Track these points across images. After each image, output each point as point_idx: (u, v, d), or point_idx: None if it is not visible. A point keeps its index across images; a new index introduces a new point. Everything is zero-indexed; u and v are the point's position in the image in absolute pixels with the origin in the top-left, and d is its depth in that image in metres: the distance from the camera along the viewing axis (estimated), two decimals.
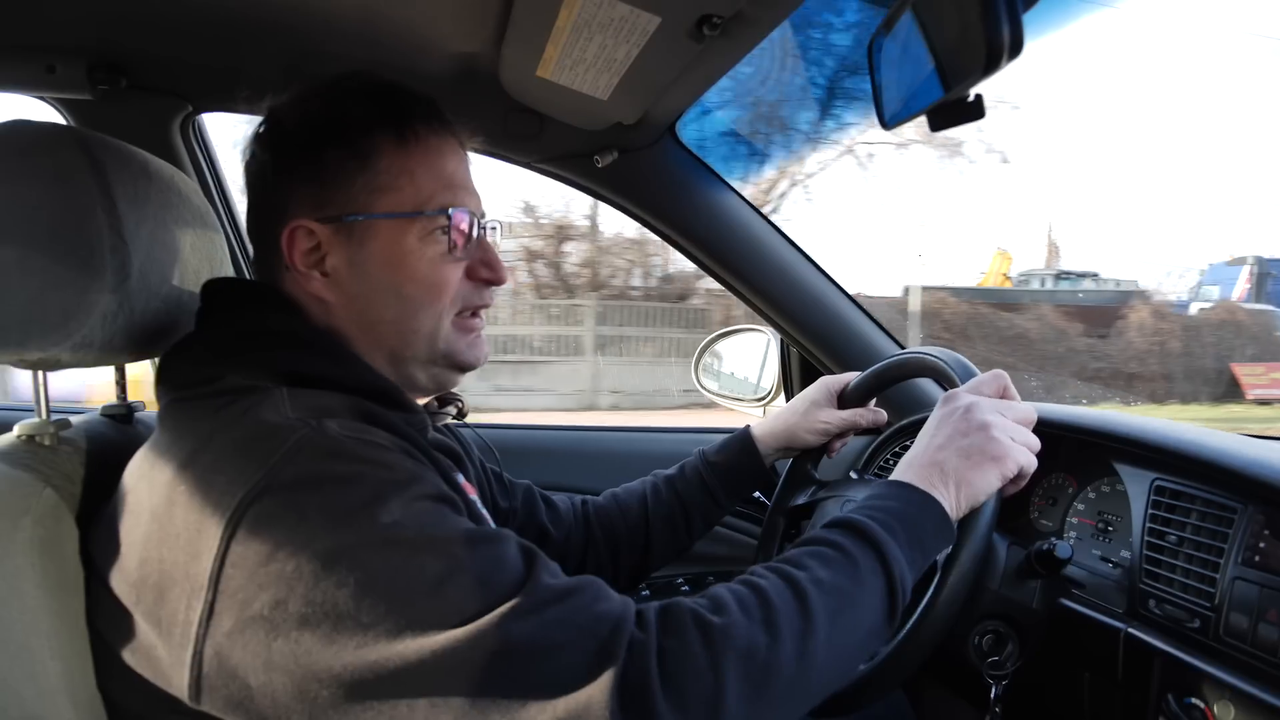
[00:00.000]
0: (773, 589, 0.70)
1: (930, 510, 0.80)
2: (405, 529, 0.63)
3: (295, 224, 0.79)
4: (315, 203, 0.80)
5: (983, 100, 0.65)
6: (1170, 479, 0.97)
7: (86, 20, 1.14)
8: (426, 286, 0.82)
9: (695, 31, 0.91)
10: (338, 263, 0.80)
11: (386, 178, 0.80)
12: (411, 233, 0.81)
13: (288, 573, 0.61)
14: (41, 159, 0.73)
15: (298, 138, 0.80)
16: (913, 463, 0.85)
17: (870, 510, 0.79)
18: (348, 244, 0.80)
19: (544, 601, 0.64)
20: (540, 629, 0.62)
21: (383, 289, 0.81)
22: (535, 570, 0.66)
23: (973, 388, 0.91)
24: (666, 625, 0.66)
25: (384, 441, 0.70)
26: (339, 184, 0.79)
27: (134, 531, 0.68)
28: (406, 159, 0.81)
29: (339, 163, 0.79)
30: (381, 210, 0.80)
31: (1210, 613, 0.86)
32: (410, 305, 0.82)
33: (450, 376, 0.88)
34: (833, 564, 0.74)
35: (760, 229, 1.49)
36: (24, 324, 0.71)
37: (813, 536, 0.79)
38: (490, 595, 0.63)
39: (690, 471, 1.20)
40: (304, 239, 0.80)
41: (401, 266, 0.81)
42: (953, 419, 0.86)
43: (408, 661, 0.60)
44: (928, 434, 0.87)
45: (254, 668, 0.62)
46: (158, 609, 0.65)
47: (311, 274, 0.80)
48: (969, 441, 0.83)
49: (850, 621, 0.72)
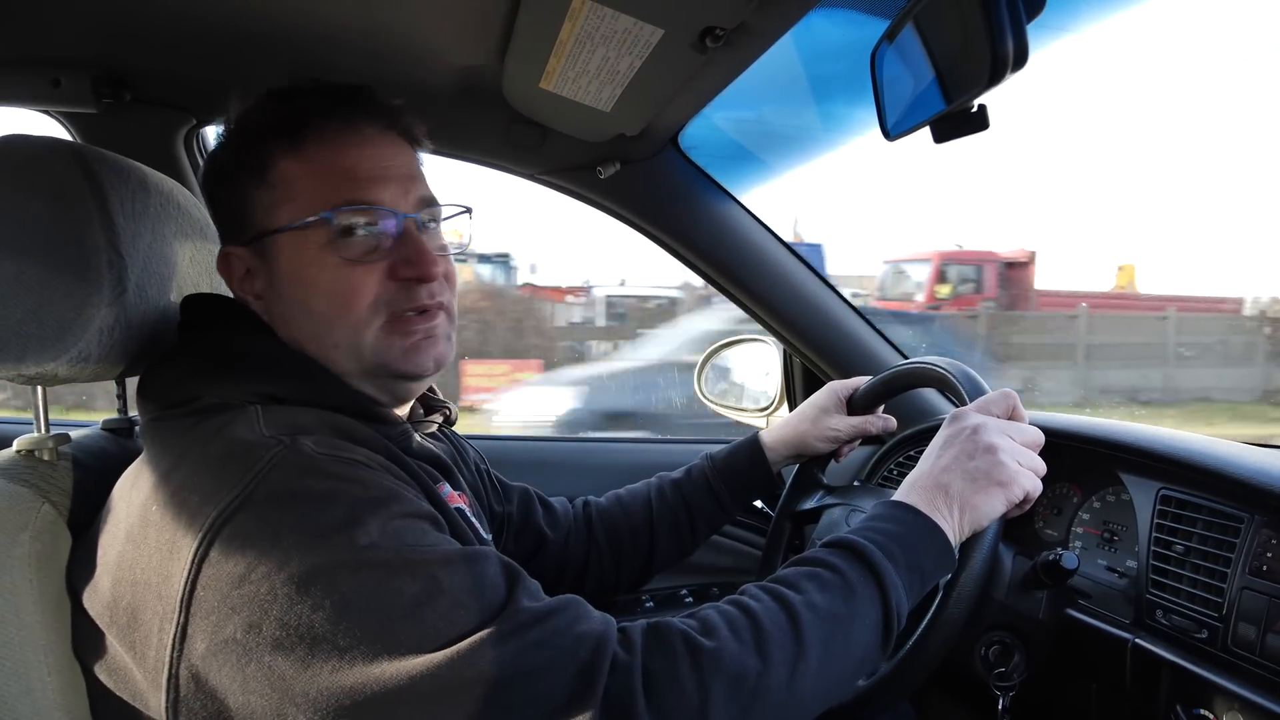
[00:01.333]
0: (765, 612, 0.70)
1: (933, 537, 0.79)
2: (382, 550, 0.62)
3: (224, 250, 0.80)
4: (236, 227, 0.80)
5: (986, 111, 0.65)
6: (1176, 489, 0.96)
7: (91, 35, 1.14)
8: (333, 298, 0.76)
9: (698, 44, 0.92)
10: (261, 285, 0.80)
11: (281, 190, 0.77)
12: (310, 243, 0.76)
13: (261, 595, 0.60)
14: (38, 173, 0.73)
15: (217, 166, 0.81)
16: (917, 483, 0.84)
17: (871, 533, 0.78)
18: (263, 264, 0.79)
19: (523, 625, 0.63)
20: (520, 653, 0.61)
21: (295, 306, 0.78)
22: (515, 592, 0.66)
23: (981, 407, 0.89)
24: (654, 646, 0.65)
25: (361, 458, 0.69)
26: (246, 205, 0.78)
27: (109, 552, 0.67)
28: (301, 164, 0.76)
29: (243, 183, 0.78)
30: (279, 224, 0.76)
31: (1218, 623, 0.86)
32: (322, 320, 0.77)
33: (399, 386, 0.82)
34: (829, 588, 0.73)
35: (762, 239, 1.49)
36: (21, 339, 0.71)
37: (811, 556, 0.78)
38: (469, 618, 0.62)
39: (697, 475, 1.20)
40: (236, 264, 0.80)
41: (304, 281, 0.77)
42: (960, 440, 0.85)
43: (385, 686, 0.59)
44: (933, 454, 0.86)
45: (230, 690, 0.61)
46: (131, 631, 0.64)
47: (248, 298, 0.80)
48: (975, 465, 0.82)
49: (843, 647, 0.71)
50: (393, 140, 0.81)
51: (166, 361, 0.77)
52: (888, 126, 0.79)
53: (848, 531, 0.80)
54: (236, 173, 0.78)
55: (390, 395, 0.83)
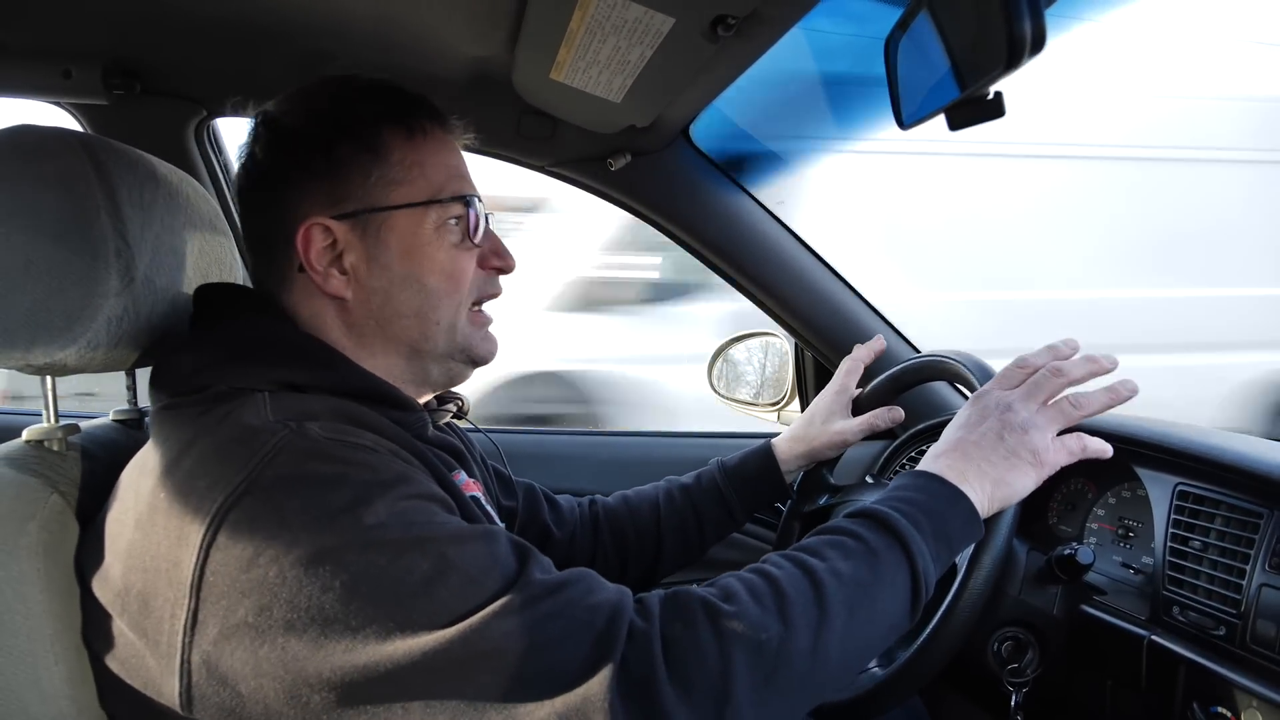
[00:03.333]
0: (787, 579, 0.69)
1: (959, 505, 0.79)
2: (390, 529, 0.62)
3: (310, 223, 0.78)
4: (329, 200, 0.78)
5: (1003, 98, 0.64)
6: (1194, 484, 0.95)
7: (101, 25, 1.14)
8: (446, 276, 0.81)
9: (710, 33, 0.91)
10: (356, 259, 0.79)
11: (399, 170, 0.79)
12: (427, 223, 0.80)
13: (271, 578, 0.60)
14: (46, 163, 0.73)
15: (307, 135, 0.79)
16: (944, 454, 0.83)
17: (895, 502, 0.77)
18: (364, 239, 0.79)
19: (536, 597, 0.62)
20: (533, 625, 0.61)
21: (404, 281, 0.80)
22: (527, 566, 0.65)
23: (1001, 383, 0.88)
24: (672, 613, 0.65)
25: (368, 443, 0.68)
26: (352, 179, 0.78)
27: (119, 540, 0.67)
28: (415, 151, 0.80)
29: (351, 157, 0.78)
30: (397, 201, 0.79)
31: (1236, 620, 0.84)
32: (432, 296, 0.81)
33: (464, 371, 0.87)
34: (853, 555, 0.72)
35: (774, 232, 1.48)
36: (30, 328, 0.71)
37: (834, 525, 0.77)
38: (481, 593, 0.62)
39: (707, 481, 1.19)
40: (320, 237, 0.78)
41: (421, 257, 0.80)
42: (989, 418, 0.84)
43: (399, 664, 0.59)
44: (960, 428, 0.85)
45: (243, 675, 0.61)
46: (143, 619, 0.64)
47: (330, 272, 0.79)
48: (1008, 442, 0.82)
49: (868, 615, 0.70)
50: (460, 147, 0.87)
51: (180, 350, 0.77)
52: (902, 116, 0.78)
53: (874, 503, 0.79)
54: (340, 144, 0.78)
55: (448, 378, 0.87)
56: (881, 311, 1.55)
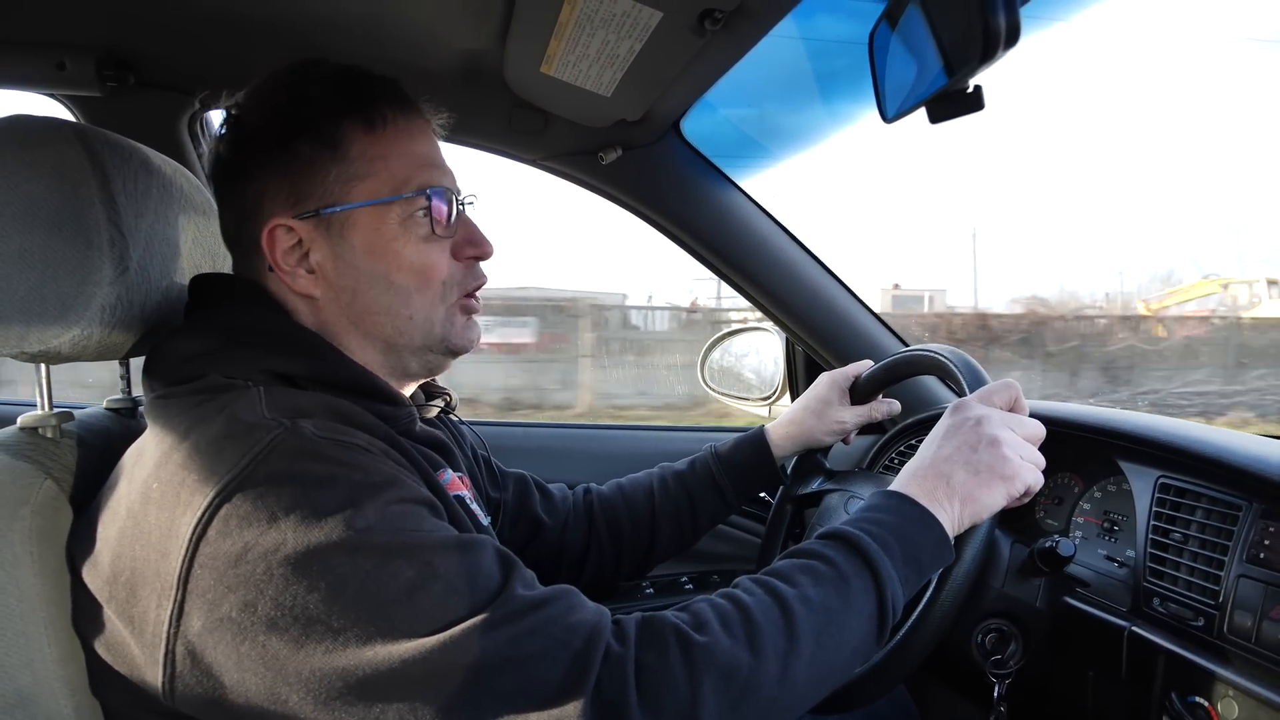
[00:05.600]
0: (758, 606, 0.70)
1: (930, 529, 0.79)
2: (379, 534, 0.62)
3: (274, 223, 0.77)
4: (291, 199, 0.78)
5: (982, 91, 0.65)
6: (1175, 476, 0.96)
7: (95, 17, 1.14)
8: (415, 272, 0.80)
9: (697, 26, 0.91)
10: (321, 258, 0.79)
11: (360, 165, 0.78)
12: (391, 218, 0.79)
13: (257, 575, 0.60)
14: (40, 153, 0.73)
15: (266, 133, 0.78)
16: (916, 473, 0.84)
17: (867, 524, 0.78)
18: (328, 237, 0.78)
19: (517, 612, 0.63)
20: (512, 640, 0.61)
21: (371, 279, 0.79)
22: (510, 581, 0.66)
23: (983, 397, 0.88)
24: (646, 639, 0.66)
25: (361, 443, 0.69)
26: (313, 177, 0.77)
27: (110, 528, 0.68)
28: (377, 144, 0.79)
29: (310, 155, 0.77)
30: (358, 199, 0.78)
31: (1214, 610, 0.85)
32: (401, 293, 0.80)
33: (443, 362, 0.87)
34: (823, 581, 0.73)
35: (764, 226, 1.49)
36: (24, 315, 0.72)
37: (805, 549, 0.78)
38: (463, 604, 0.62)
39: (700, 467, 1.19)
40: (284, 237, 0.78)
41: (386, 254, 0.79)
42: (962, 431, 0.84)
43: (378, 669, 0.59)
44: (934, 443, 0.85)
45: (225, 668, 0.61)
46: (130, 607, 0.65)
47: (296, 271, 0.79)
48: (978, 457, 0.82)
49: (835, 641, 0.71)
50: (434, 134, 0.85)
51: (175, 338, 0.77)
52: (885, 109, 0.79)
53: (844, 522, 0.79)
54: (300, 144, 0.77)
55: (427, 370, 0.87)
56: (870, 306, 1.55)
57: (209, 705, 0.63)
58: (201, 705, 0.64)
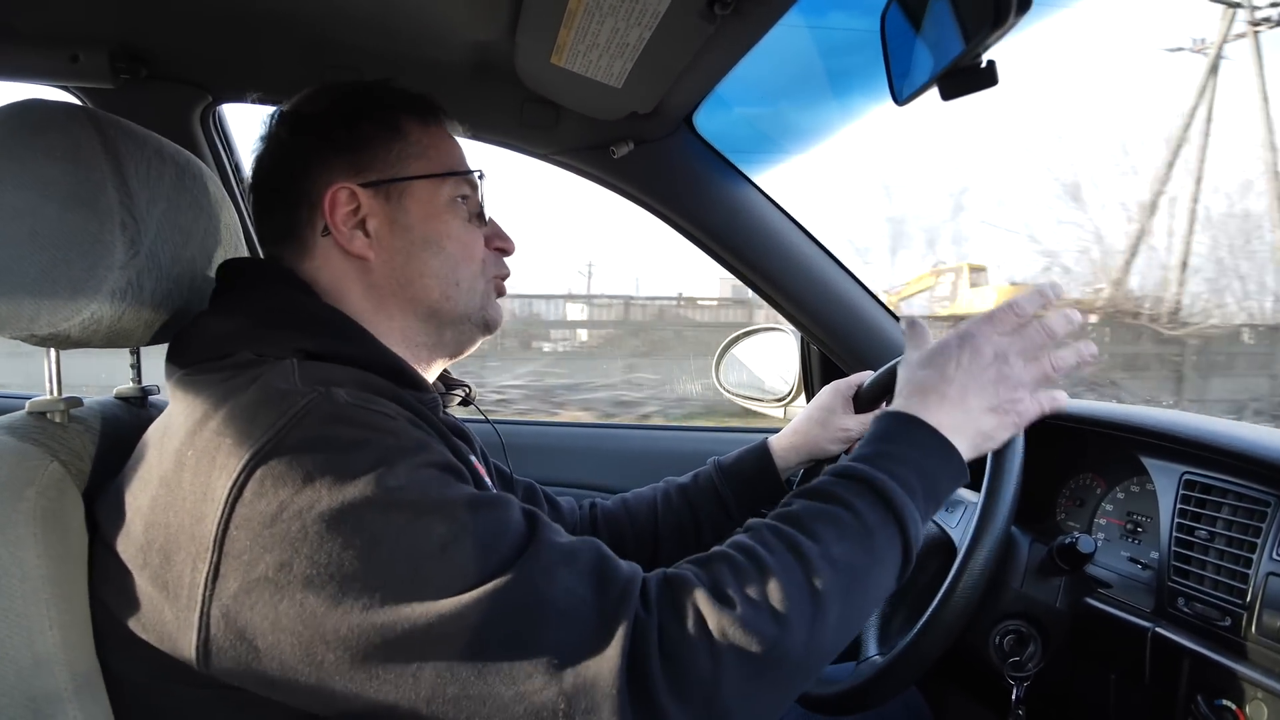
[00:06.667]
0: (782, 570, 0.67)
1: (950, 461, 0.76)
2: (410, 493, 0.63)
3: (337, 186, 0.82)
4: (352, 169, 0.84)
5: (995, 66, 0.63)
6: (1200, 472, 0.93)
7: (109, 10, 1.16)
8: (462, 244, 0.87)
9: (707, 12, 0.91)
10: (379, 223, 0.84)
11: (417, 148, 0.86)
12: (442, 195, 0.87)
13: (293, 534, 0.61)
14: (54, 136, 0.74)
15: (333, 114, 0.85)
16: (933, 394, 0.79)
17: (890, 462, 0.74)
18: (386, 204, 0.84)
19: (550, 564, 0.64)
20: (546, 594, 0.62)
21: (424, 243, 0.85)
22: (539, 532, 0.66)
23: (992, 325, 0.82)
24: (668, 603, 0.65)
25: (390, 412, 0.70)
26: (375, 152, 0.85)
27: (142, 496, 0.69)
28: (430, 136, 0.88)
29: (374, 133, 0.85)
30: (416, 173, 0.85)
31: (1242, 610, 0.83)
32: (450, 259, 0.86)
33: (475, 336, 0.92)
34: (848, 535, 0.70)
35: (778, 223, 1.47)
36: (35, 298, 0.72)
37: (824, 489, 0.74)
38: (495, 559, 0.63)
39: (704, 481, 1.19)
40: (345, 200, 0.83)
41: (441, 222, 0.86)
42: (988, 366, 0.79)
43: (414, 625, 0.60)
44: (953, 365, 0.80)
45: (261, 630, 0.62)
46: (164, 572, 0.65)
47: (354, 233, 0.83)
48: (1001, 397, 0.79)
49: (861, 598, 0.70)
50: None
51: (204, 319, 0.79)
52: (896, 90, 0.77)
53: (858, 457, 0.76)
54: (363, 123, 0.85)
55: (458, 344, 0.91)
56: (887, 305, 1.53)
57: (243, 669, 0.63)
58: (236, 670, 0.64)
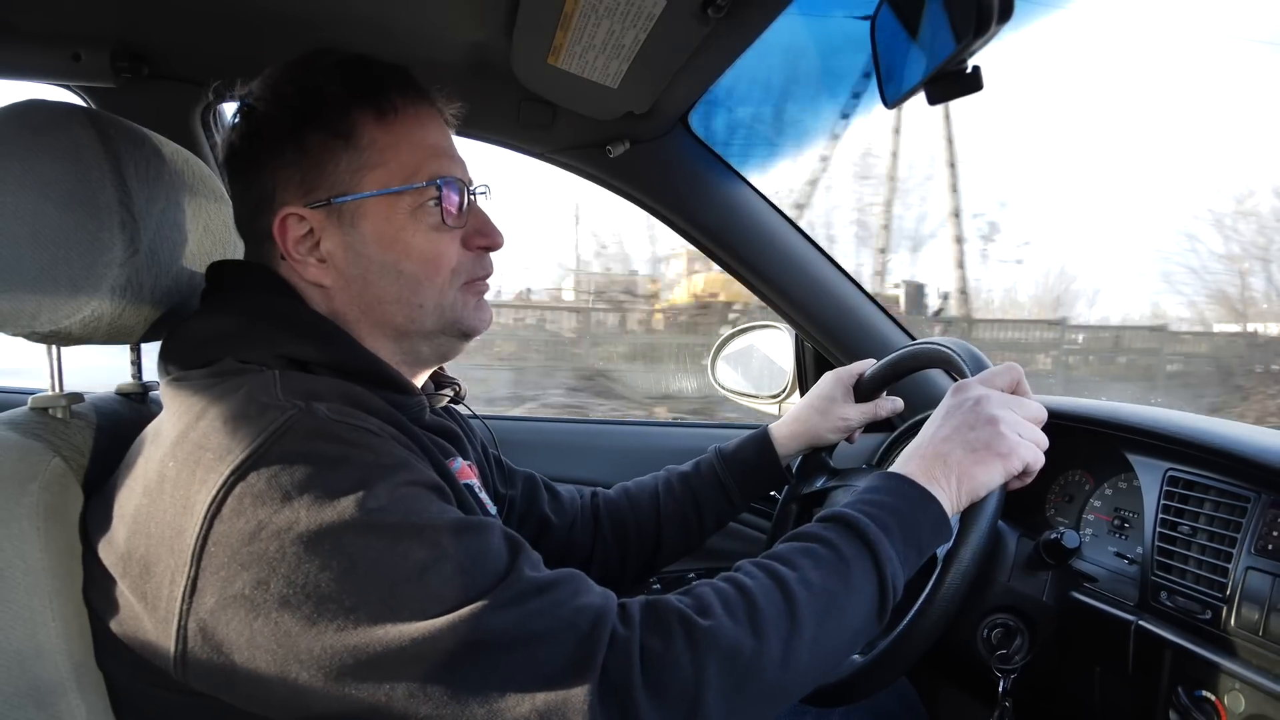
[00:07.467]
0: (760, 590, 0.70)
1: (929, 508, 0.79)
2: (390, 515, 0.63)
3: (285, 212, 0.78)
4: (302, 188, 0.78)
5: (980, 71, 0.65)
6: (1183, 469, 0.95)
7: (110, 9, 1.16)
8: (425, 261, 0.80)
9: (700, 14, 0.92)
10: (332, 246, 0.79)
11: (371, 154, 0.78)
12: (402, 208, 0.79)
13: (270, 554, 0.61)
14: (54, 136, 0.75)
15: (277, 124, 0.79)
16: (915, 454, 0.84)
17: (865, 505, 0.78)
18: (339, 226, 0.79)
19: (525, 593, 0.64)
20: (520, 621, 0.62)
21: (381, 268, 0.80)
22: (518, 562, 0.67)
23: (985, 380, 0.89)
24: (651, 623, 0.66)
25: (373, 427, 0.70)
26: (324, 166, 0.78)
27: (126, 505, 0.69)
28: (388, 133, 0.79)
29: (321, 145, 0.78)
30: (369, 188, 0.78)
31: (1221, 603, 0.84)
32: (411, 282, 0.80)
33: (455, 345, 0.87)
34: (824, 564, 0.73)
35: (773, 221, 1.48)
36: (36, 296, 0.73)
37: (806, 531, 0.78)
38: (472, 585, 0.63)
39: (705, 468, 1.19)
40: (295, 226, 0.79)
41: (396, 243, 0.79)
42: (961, 410, 0.85)
43: (388, 648, 0.60)
44: (934, 424, 0.86)
45: (236, 645, 0.62)
46: (143, 583, 0.66)
47: (308, 260, 0.79)
48: (975, 435, 0.82)
49: (837, 624, 0.71)
50: (445, 123, 0.86)
51: (191, 322, 0.79)
52: (885, 93, 0.78)
53: (843, 505, 0.79)
54: (311, 134, 0.78)
55: (439, 354, 0.87)
56: (879, 301, 1.54)
57: (219, 681, 0.64)
58: (212, 681, 0.64)
